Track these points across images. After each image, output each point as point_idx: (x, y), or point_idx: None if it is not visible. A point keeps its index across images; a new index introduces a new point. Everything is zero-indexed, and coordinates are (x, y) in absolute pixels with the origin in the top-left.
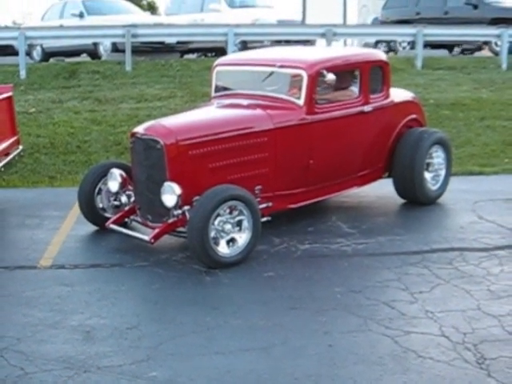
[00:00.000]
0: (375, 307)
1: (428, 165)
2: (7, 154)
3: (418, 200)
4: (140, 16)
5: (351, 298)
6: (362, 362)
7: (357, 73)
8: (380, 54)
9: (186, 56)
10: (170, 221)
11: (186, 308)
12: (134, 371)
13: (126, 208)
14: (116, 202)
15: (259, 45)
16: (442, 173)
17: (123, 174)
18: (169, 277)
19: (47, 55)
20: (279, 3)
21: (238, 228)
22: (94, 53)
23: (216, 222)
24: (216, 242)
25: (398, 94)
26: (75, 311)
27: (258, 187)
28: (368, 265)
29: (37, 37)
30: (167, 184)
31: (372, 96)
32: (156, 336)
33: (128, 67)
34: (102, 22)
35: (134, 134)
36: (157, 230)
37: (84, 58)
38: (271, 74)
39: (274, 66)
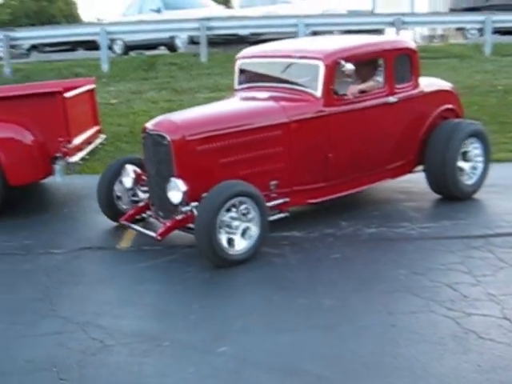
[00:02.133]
0: (438, 289)
1: (464, 158)
2: (90, 143)
3: (451, 195)
4: (214, 9)
5: (415, 279)
6: (423, 342)
7: (381, 62)
8: (407, 42)
9: None
10: (179, 217)
11: (255, 288)
12: (204, 346)
13: (141, 204)
14: (134, 198)
15: (329, 35)
16: (479, 167)
17: (137, 169)
18: None
19: (128, 48)
20: None
21: (245, 225)
22: (171, 45)
23: (223, 219)
24: (223, 239)
25: (431, 84)
26: (149, 290)
27: (274, 182)
28: (432, 248)
29: (117, 32)
30: (173, 180)
31: (398, 86)
32: (225, 314)
33: (203, 59)
34: (178, 16)
35: (144, 130)
36: (164, 227)
37: (162, 50)
38: (290, 65)
39: (293, 57)
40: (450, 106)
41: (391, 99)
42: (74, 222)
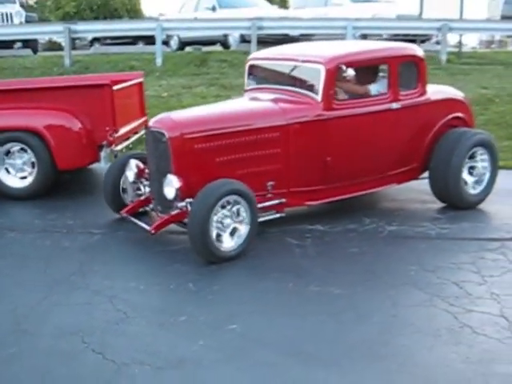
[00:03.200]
0: (444, 286)
1: (470, 168)
2: (136, 133)
3: (454, 204)
4: (267, 10)
5: (423, 275)
6: (418, 333)
7: (385, 68)
8: (413, 49)
9: None
10: (174, 212)
11: (273, 274)
12: (215, 323)
13: (142, 198)
14: (139, 192)
15: (377, 38)
16: (486, 177)
17: (140, 164)
18: (262, 247)
19: (183, 44)
20: None
21: (236, 223)
22: (224, 43)
23: (215, 217)
24: (215, 236)
25: (440, 92)
26: (176, 271)
27: (271, 183)
28: (446, 248)
29: (173, 28)
30: (168, 176)
31: (403, 93)
32: (241, 296)
33: None
34: (231, 15)
35: (147, 126)
36: (158, 221)
37: (217, 47)
38: (295, 68)
39: (297, 60)
40: (458, 115)
41: (394, 105)
42: None
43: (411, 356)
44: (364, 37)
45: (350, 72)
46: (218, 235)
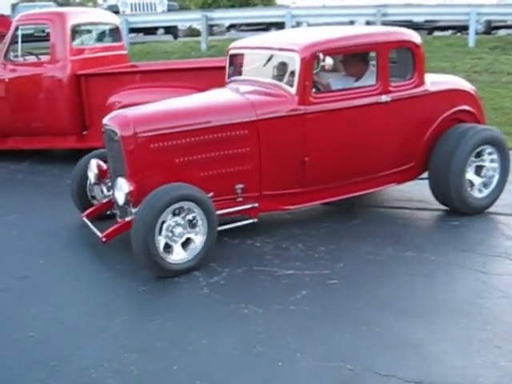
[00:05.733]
0: None
1: (478, 168)
2: None
3: (456, 208)
4: None
5: None
6: (504, 298)
7: (374, 56)
8: (407, 34)
9: (436, 33)
10: (128, 219)
11: (374, 240)
12: (318, 278)
13: (104, 200)
14: (104, 194)
15: (503, 24)
16: (494, 179)
17: (102, 164)
18: (366, 217)
19: None
20: None
21: (190, 233)
22: None
23: (164, 226)
24: (165, 247)
25: (443, 82)
26: (286, 233)
27: (240, 186)
28: None
29: (301, 15)
30: (118, 180)
31: (395, 84)
32: (341, 256)
33: None
34: (357, 2)
35: (103, 124)
36: (111, 228)
37: None
38: (272, 58)
39: (273, 49)
40: (464, 108)
41: (384, 98)
42: None
43: (494, 317)
44: (488, 23)
45: (329, 61)
46: (167, 246)
